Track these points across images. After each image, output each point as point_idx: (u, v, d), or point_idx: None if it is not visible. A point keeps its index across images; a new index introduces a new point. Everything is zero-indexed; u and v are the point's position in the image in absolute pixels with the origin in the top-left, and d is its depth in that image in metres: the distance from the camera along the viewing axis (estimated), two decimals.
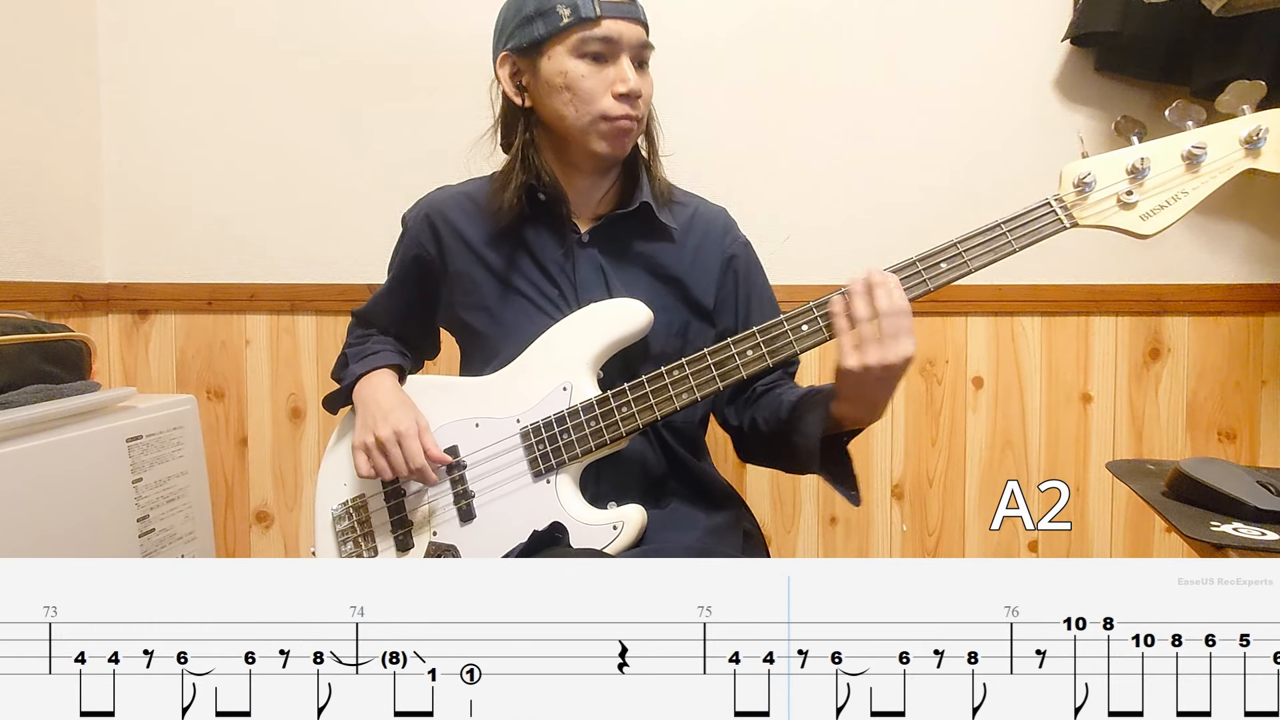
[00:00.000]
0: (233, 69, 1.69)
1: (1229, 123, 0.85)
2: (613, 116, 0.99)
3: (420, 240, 1.11)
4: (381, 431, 1.00)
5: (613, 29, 0.97)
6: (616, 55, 0.99)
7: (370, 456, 1.01)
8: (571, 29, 0.97)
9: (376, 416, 1.02)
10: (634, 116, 1.00)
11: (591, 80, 0.98)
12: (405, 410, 1.02)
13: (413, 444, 0.99)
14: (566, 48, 0.98)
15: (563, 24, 0.97)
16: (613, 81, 0.98)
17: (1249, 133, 0.83)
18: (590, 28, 0.97)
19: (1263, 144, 0.83)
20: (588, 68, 0.98)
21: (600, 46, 0.97)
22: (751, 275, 1.13)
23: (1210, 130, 0.85)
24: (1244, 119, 0.84)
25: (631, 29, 0.98)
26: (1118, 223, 0.87)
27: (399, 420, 1.00)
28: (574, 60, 0.98)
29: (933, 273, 0.89)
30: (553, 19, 0.97)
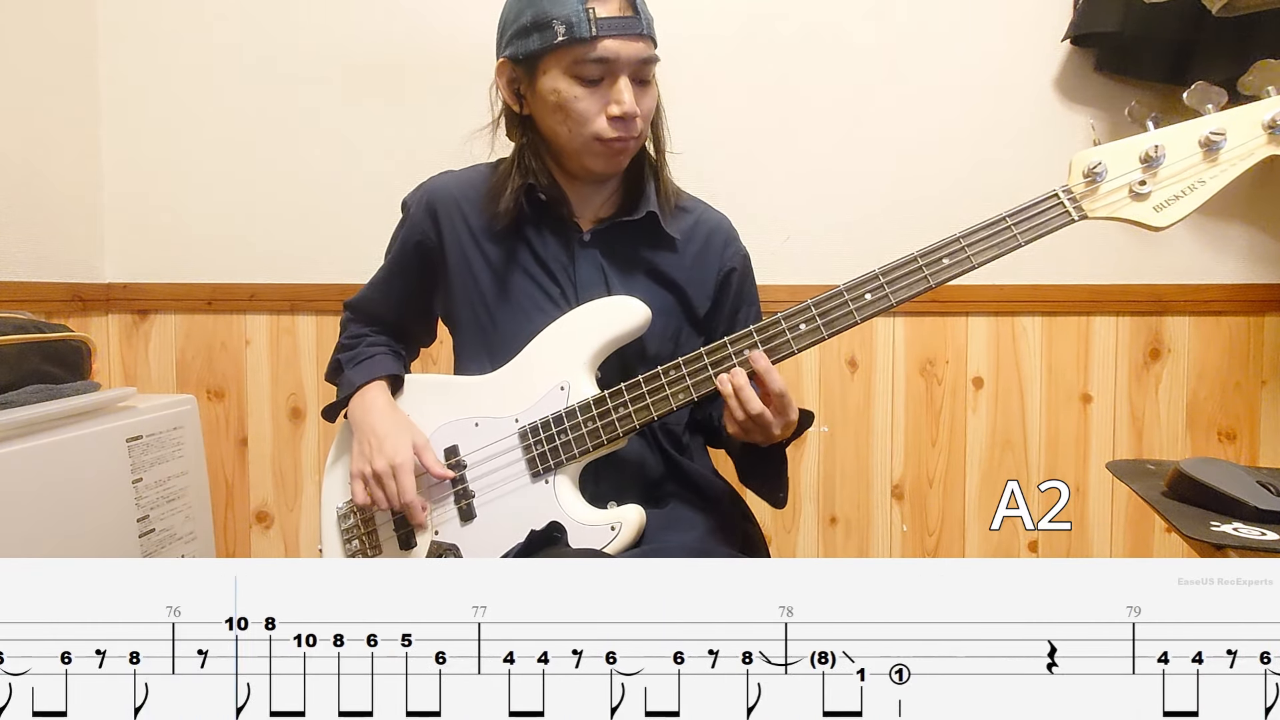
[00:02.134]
0: (232, 69, 1.69)
1: (1251, 106, 0.79)
2: (607, 139, 0.96)
3: (422, 226, 1.08)
4: (377, 464, 0.99)
5: (609, 49, 0.92)
6: (614, 76, 0.94)
7: (368, 487, 1.01)
8: (566, 47, 0.92)
9: (373, 444, 1.01)
10: (629, 137, 0.97)
11: (585, 102, 0.94)
12: (401, 437, 1.00)
13: (406, 479, 0.98)
14: (561, 66, 0.94)
15: (557, 41, 0.92)
16: (608, 103, 0.94)
17: (1273, 116, 0.78)
18: (585, 49, 0.91)
19: None
20: (582, 89, 0.94)
21: (596, 70, 0.93)
22: (744, 289, 1.12)
23: (1231, 115, 0.80)
24: (1268, 101, 0.78)
25: (630, 46, 0.93)
26: (1129, 214, 0.82)
27: (394, 451, 0.99)
28: (567, 81, 0.94)
29: (934, 269, 0.86)
30: (547, 35, 0.92)
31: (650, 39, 0.96)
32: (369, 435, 1.02)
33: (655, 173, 1.07)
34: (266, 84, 1.68)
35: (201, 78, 1.69)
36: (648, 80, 0.98)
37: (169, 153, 1.71)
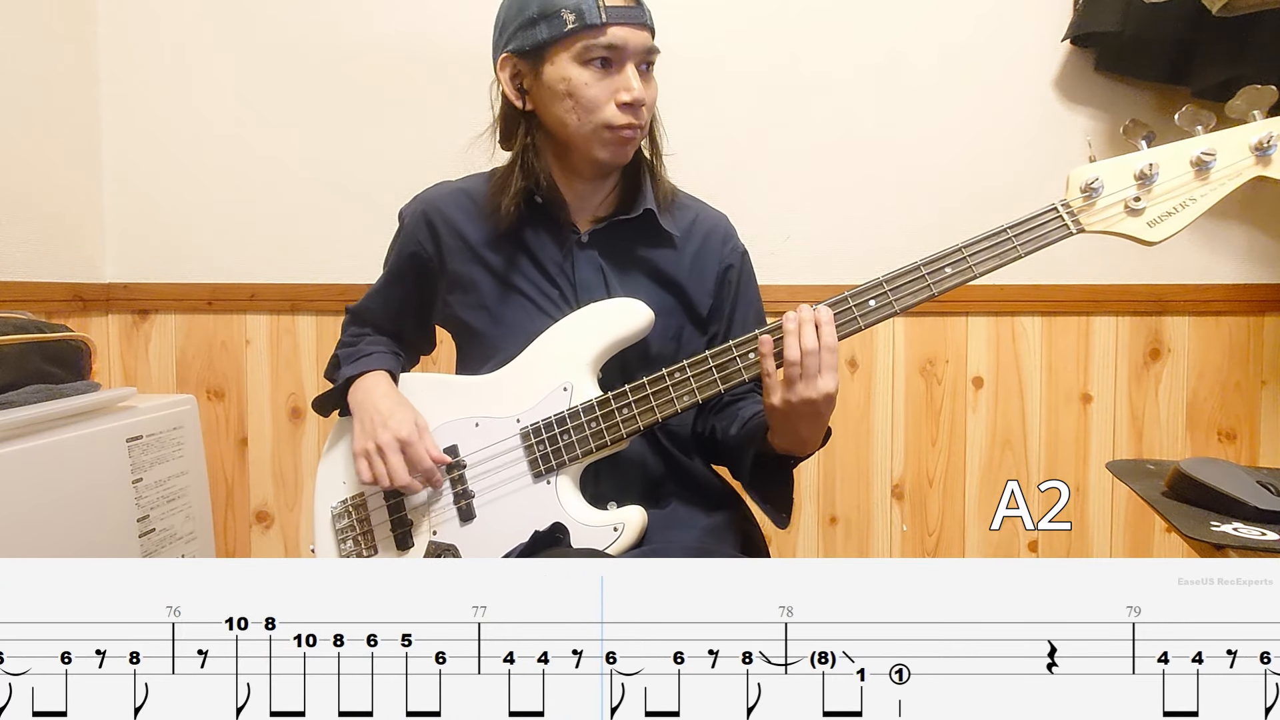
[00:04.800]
0: (233, 69, 1.69)
1: (1239, 129, 0.83)
2: (616, 126, 0.97)
3: (417, 237, 1.09)
4: (382, 437, 0.99)
5: (618, 36, 0.94)
6: (621, 63, 0.96)
7: (372, 463, 1.00)
8: (576, 35, 0.94)
9: (376, 422, 1.01)
10: (637, 125, 0.98)
11: (595, 89, 0.96)
12: (405, 413, 1.02)
13: (417, 450, 0.98)
14: (570, 54, 0.96)
15: (566, 29, 0.94)
16: (617, 90, 0.96)
17: (1259, 139, 0.82)
18: (595, 35, 0.94)
19: (1273, 151, 0.82)
20: (591, 75, 0.96)
21: (605, 54, 0.95)
22: (743, 286, 1.12)
23: (1220, 136, 0.84)
24: (1255, 125, 0.83)
25: (637, 35, 0.96)
26: (1124, 229, 0.86)
27: (399, 425, 1.00)
28: (577, 68, 0.96)
29: (937, 277, 0.88)
30: (556, 24, 0.94)
31: (652, 30, 0.99)
32: (371, 414, 1.02)
33: (651, 171, 1.08)
34: (267, 84, 1.68)
35: (202, 78, 1.69)
36: (651, 71, 1.01)
37: (169, 153, 1.71)
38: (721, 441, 1.07)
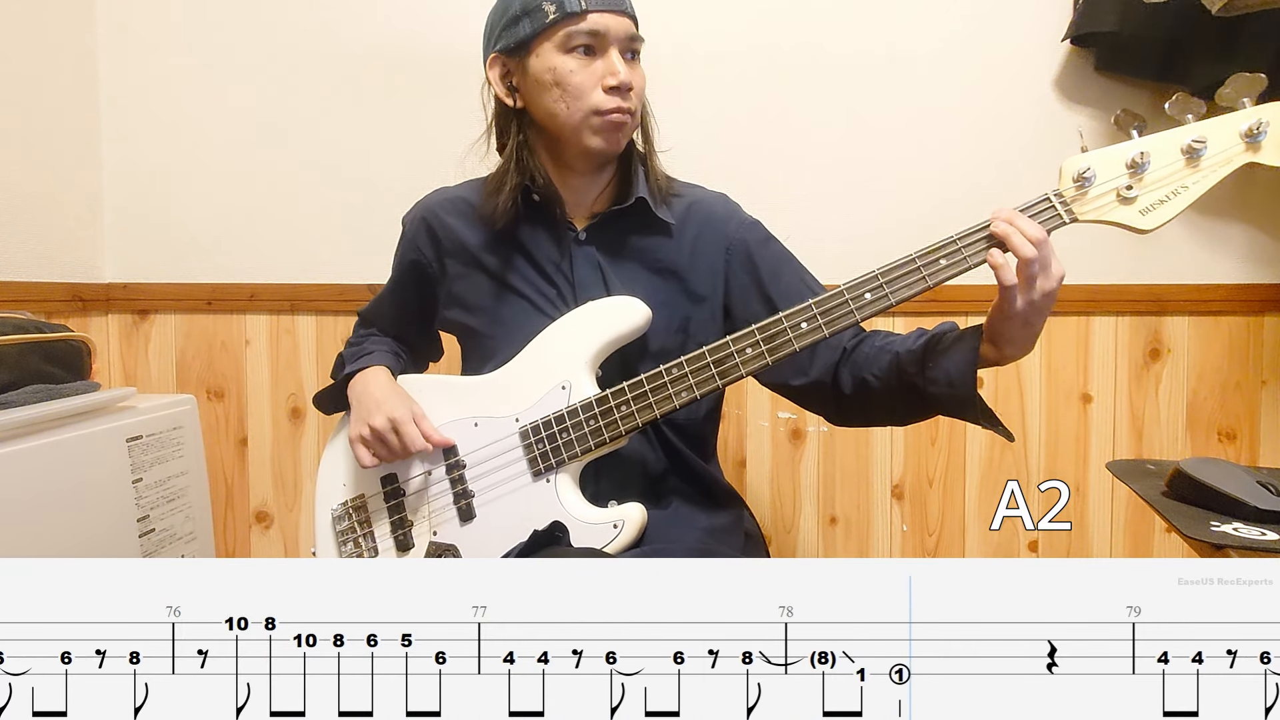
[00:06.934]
0: (233, 70, 1.69)
1: (1229, 116, 0.84)
2: (604, 110, 0.98)
3: (417, 244, 1.11)
4: (376, 421, 1.01)
5: (599, 22, 0.97)
6: (605, 48, 0.98)
7: (369, 446, 1.02)
8: (558, 24, 0.96)
9: (370, 407, 1.03)
10: (626, 109, 0.99)
11: (580, 75, 0.97)
12: (398, 399, 1.03)
13: (409, 429, 1.00)
14: (554, 44, 0.97)
15: (549, 20, 0.96)
16: (602, 75, 0.98)
17: (1249, 126, 0.82)
18: (576, 22, 0.96)
19: (1263, 137, 0.82)
20: (576, 62, 0.97)
21: (588, 40, 0.97)
22: (766, 254, 1.08)
23: (1210, 124, 0.84)
24: (1244, 112, 0.83)
25: (619, 21, 0.98)
26: (1117, 218, 0.86)
27: (392, 408, 1.01)
28: (562, 56, 0.97)
29: (931, 269, 0.88)
30: (538, 16, 0.97)
31: (634, 19, 1.01)
32: (367, 401, 1.04)
33: (644, 161, 1.08)
34: (266, 84, 1.68)
35: (202, 78, 1.69)
36: (637, 56, 1.02)
37: (169, 153, 1.71)
38: (884, 388, 0.97)
